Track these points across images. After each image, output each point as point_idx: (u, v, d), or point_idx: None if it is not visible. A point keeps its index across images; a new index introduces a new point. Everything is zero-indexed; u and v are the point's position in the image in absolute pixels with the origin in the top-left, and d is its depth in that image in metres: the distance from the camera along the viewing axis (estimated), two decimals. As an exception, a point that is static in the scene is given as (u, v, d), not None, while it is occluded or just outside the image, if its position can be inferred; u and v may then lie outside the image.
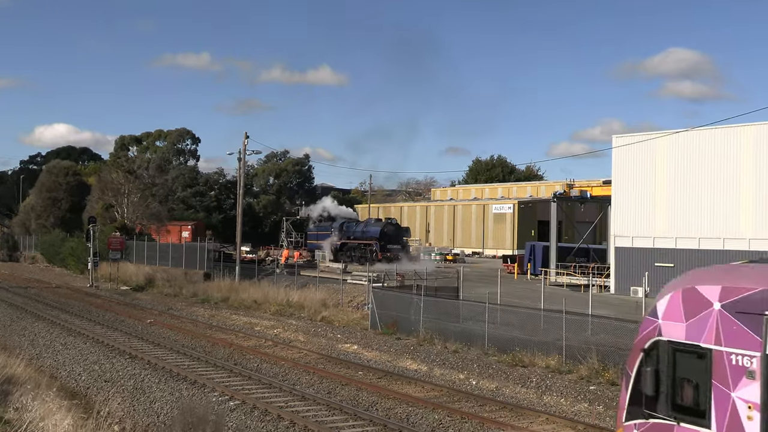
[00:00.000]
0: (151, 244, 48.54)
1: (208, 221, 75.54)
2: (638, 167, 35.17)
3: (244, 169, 42.02)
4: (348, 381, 16.97)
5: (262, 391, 15.93)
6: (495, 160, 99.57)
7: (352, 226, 51.45)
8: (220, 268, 39.54)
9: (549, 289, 29.70)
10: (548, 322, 19.40)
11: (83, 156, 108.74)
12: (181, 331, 24.96)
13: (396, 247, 47.49)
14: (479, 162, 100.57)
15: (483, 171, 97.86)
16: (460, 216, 72.42)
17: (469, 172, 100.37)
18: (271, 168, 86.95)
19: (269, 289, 33.41)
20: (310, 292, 31.92)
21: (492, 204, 70.45)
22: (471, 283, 32.18)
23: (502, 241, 67.65)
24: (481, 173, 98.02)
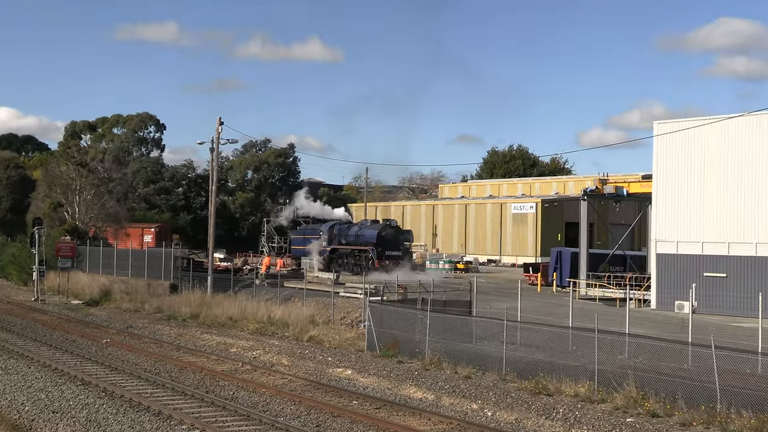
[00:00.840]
0: (107, 250, 48.58)
1: (175, 223, 75.70)
2: (684, 159, 35.19)
3: (218, 162, 42.02)
4: (340, 412, 16.95)
5: (239, 424, 15.93)
6: (514, 151, 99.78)
7: (345, 229, 51.57)
8: (188, 279, 39.55)
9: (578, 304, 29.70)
10: (578, 343, 19.40)
11: (27, 146, 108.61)
12: (143, 353, 24.97)
13: (396, 254, 47.58)
14: (496, 153, 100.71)
15: (500, 163, 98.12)
16: (473, 217, 72.57)
17: (484, 165, 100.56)
18: (249, 160, 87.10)
19: (247, 304, 33.42)
20: (295, 307, 31.95)
21: (511, 203, 70.61)
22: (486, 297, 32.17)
23: (523, 246, 67.79)
24: (498, 166, 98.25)
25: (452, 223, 74.08)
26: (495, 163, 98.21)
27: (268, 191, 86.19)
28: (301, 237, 55.47)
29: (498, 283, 44.71)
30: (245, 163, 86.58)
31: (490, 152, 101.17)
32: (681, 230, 34.99)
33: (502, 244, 69.24)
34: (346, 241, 50.80)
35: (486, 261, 66.57)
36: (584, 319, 22.68)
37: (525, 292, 30.04)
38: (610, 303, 35.13)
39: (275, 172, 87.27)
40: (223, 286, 38.69)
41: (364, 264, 47.71)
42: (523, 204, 69.18)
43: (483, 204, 73.01)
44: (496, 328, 21.33)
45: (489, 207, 71.69)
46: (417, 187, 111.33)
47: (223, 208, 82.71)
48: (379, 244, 47.49)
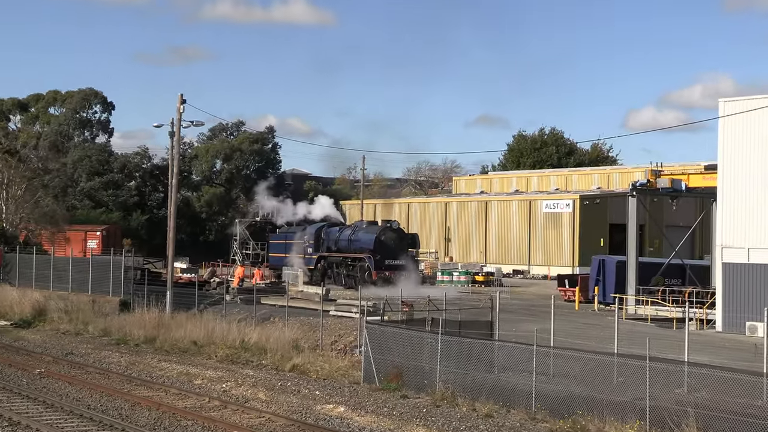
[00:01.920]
0: (42, 258, 48.57)
1: (127, 225, 75.86)
2: (758, 145, 35.12)
3: (180, 149, 42.05)
4: (331, 459, 16.99)
5: (205, 474, 15.94)
6: (546, 136, 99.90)
7: (335, 233, 51.77)
8: (143, 294, 39.55)
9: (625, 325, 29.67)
10: (625, 374, 19.40)
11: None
12: (87, 386, 24.97)
13: (399, 264, 47.77)
14: (523, 138, 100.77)
15: (529, 151, 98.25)
16: (496, 217, 72.68)
17: (509, 153, 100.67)
18: (218, 147, 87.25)
19: (216, 325, 33.43)
20: (275, 328, 31.92)
21: (542, 200, 70.73)
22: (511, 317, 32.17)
23: (557, 254, 67.89)
24: (527, 154, 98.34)
25: (469, 224, 74.17)
26: (522, 151, 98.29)
27: (242, 185, 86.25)
28: (282, 242, 55.51)
29: (526, 299, 44.68)
30: (213, 150, 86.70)
31: (517, 137, 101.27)
32: (754, 234, 34.84)
33: (532, 251, 69.29)
34: (337, 247, 50.82)
35: (511, 272, 66.60)
36: (633, 344, 22.65)
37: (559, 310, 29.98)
38: (664, 324, 35.12)
39: (250, 162, 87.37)
40: (185, 302, 38.68)
41: (358, 276, 47.75)
42: (557, 201, 69.25)
43: (507, 201, 73.09)
44: (523, 354, 21.31)
45: (515, 205, 71.77)
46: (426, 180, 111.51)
47: (186, 206, 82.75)
48: (378, 251, 47.56)
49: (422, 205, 79.41)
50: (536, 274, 66.69)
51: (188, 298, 39.08)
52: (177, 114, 39.55)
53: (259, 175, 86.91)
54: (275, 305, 37.75)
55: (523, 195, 75.96)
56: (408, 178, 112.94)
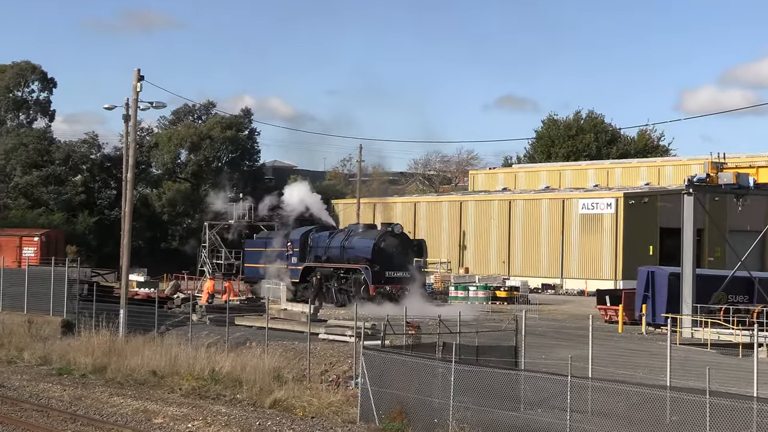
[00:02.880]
0: (-33, 269, 48.45)
1: (71, 229, 75.81)
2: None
3: (136, 136, 42.01)
4: None
5: None
6: (583, 120, 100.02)
7: (325, 238, 51.89)
8: (91, 313, 39.55)
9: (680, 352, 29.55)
10: (679, 411, 19.34)
11: None
12: (22, 427, 24.90)
13: (402, 276, 47.83)
14: (555, 123, 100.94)
15: (562, 139, 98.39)
16: (521, 220, 72.71)
17: (538, 142, 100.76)
18: (183, 134, 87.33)
19: (180, 351, 33.39)
20: (252, 355, 31.92)
21: (578, 198, 70.76)
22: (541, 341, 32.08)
23: (597, 264, 67.90)
24: (559, 143, 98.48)
25: (489, 228, 74.18)
26: (554, 139, 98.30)
27: (212, 180, 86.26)
28: (260, 250, 55.50)
29: (558, 319, 44.60)
30: (177, 138, 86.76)
31: (547, 122, 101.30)
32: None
33: (565, 261, 69.27)
34: (328, 255, 50.87)
35: (540, 287, 66.63)
36: (689, 375, 22.58)
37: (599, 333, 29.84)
38: (728, 351, 35.02)
39: (222, 152, 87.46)
40: (143, 323, 38.66)
41: (353, 291, 47.74)
42: (596, 200, 69.24)
43: (536, 200, 73.10)
44: (555, 387, 21.27)
45: (545, 205, 71.78)
46: (436, 174, 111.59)
47: (144, 206, 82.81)
48: (377, 261, 47.61)
49: (432, 204, 79.44)
50: (571, 290, 66.64)
51: (146, 317, 39.05)
52: (133, 93, 39.52)
53: (234, 168, 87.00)
54: (252, 327, 37.68)
55: (554, 192, 75.94)
56: (414, 172, 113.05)
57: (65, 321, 40.52)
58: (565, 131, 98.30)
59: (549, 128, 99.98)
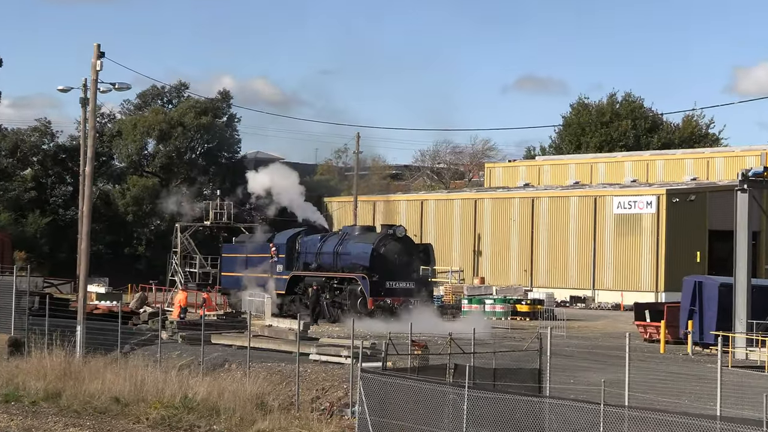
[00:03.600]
0: None
1: (20, 231, 75.67)
2: None
3: (96, 123, 41.95)
4: None
5: None
6: (619, 104, 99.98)
7: (316, 243, 51.89)
8: (43, 330, 39.48)
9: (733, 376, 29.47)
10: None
11: None
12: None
13: (406, 287, 47.85)
14: (585, 108, 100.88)
15: (593, 126, 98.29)
16: (546, 221, 72.68)
17: (566, 130, 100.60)
18: (151, 121, 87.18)
19: (147, 374, 33.33)
20: (232, 379, 31.91)
21: (613, 195, 70.70)
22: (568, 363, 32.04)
23: (634, 273, 67.88)
24: (590, 131, 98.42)
25: (508, 231, 74.13)
26: (585, 126, 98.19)
27: (185, 175, 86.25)
28: (240, 257, 55.44)
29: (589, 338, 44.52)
30: (144, 125, 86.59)
31: (577, 106, 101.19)
32: None
33: (597, 269, 69.21)
34: (319, 263, 50.85)
35: (568, 299, 66.58)
36: (743, 403, 22.53)
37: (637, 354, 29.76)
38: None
39: (197, 142, 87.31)
40: (104, 342, 38.58)
41: (348, 304, 47.75)
42: (634, 198, 69.17)
43: (563, 198, 73.05)
44: (585, 417, 21.23)
45: (574, 203, 71.72)
46: (446, 167, 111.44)
47: (106, 205, 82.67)
48: (376, 269, 47.62)
49: (441, 203, 79.41)
50: (604, 303, 66.54)
51: (108, 335, 38.95)
52: (92, 72, 39.44)
53: (210, 160, 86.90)
54: (232, 346, 37.62)
55: (585, 189, 75.83)
56: (421, 166, 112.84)
57: (13, 339, 40.41)
58: (597, 117, 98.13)
59: (578, 114, 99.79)
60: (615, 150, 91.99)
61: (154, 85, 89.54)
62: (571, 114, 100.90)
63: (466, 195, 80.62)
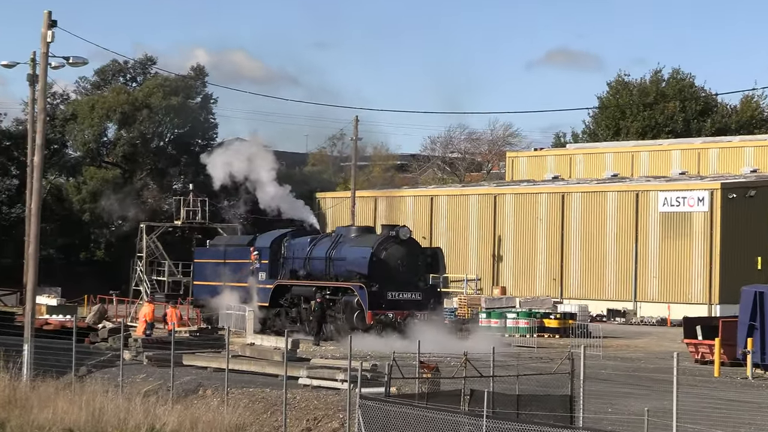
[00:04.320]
0: None
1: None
2: None
3: (47, 105, 42.00)
4: None
5: None
6: (665, 83, 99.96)
7: (304, 246, 51.97)
8: (-17, 349, 39.46)
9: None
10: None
11: None
12: None
13: (411, 298, 47.94)
14: (626, 87, 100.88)
15: (635, 108, 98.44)
16: (579, 220, 72.70)
17: (602, 113, 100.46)
18: (112, 102, 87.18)
19: (107, 402, 33.27)
20: (207, 407, 31.89)
21: (658, 190, 70.71)
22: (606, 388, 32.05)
23: (684, 282, 67.91)
24: (630, 116, 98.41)
25: (534, 232, 74.11)
26: (624, 109, 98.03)
27: (152, 166, 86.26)
28: (217, 263, 55.39)
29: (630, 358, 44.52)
30: (103, 107, 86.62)
31: (615, 85, 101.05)
32: None
33: (640, 277, 69.20)
34: (308, 270, 50.91)
35: (605, 313, 66.60)
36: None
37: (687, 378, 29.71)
38: None
39: (166, 127, 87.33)
40: (56, 363, 38.44)
41: (344, 318, 47.82)
42: (683, 194, 69.13)
43: (599, 193, 72.99)
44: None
45: (612, 200, 71.68)
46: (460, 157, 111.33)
47: (58, 201, 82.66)
48: (376, 278, 47.66)
49: (455, 199, 79.41)
50: (647, 317, 66.49)
51: (61, 355, 38.86)
52: (42, 45, 39.41)
53: (181, 148, 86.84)
54: (207, 368, 37.57)
55: (625, 183, 75.78)
56: (431, 155, 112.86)
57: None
58: (639, 98, 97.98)
59: (617, 94, 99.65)
60: (660, 137, 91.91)
61: (115, 59, 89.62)
62: (608, 94, 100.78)
63: (484, 190, 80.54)
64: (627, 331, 59.00)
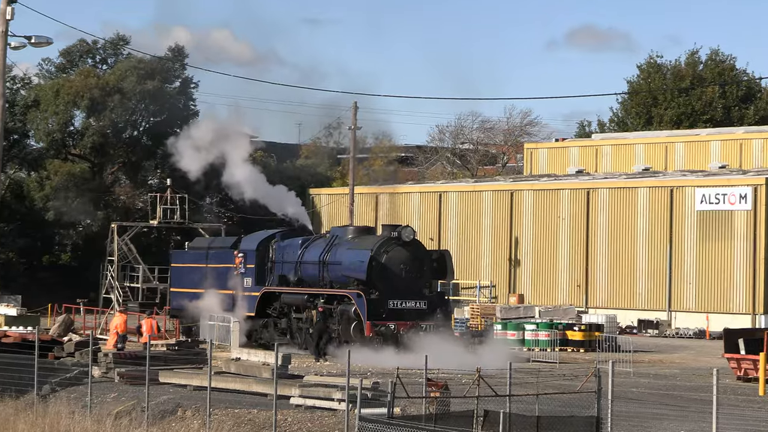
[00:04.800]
0: None
1: None
2: None
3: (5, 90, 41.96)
4: None
5: None
6: (702, 66, 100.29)
7: (295, 249, 52.12)
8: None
9: None
10: None
11: None
12: None
13: (414, 306, 47.97)
14: (658, 69, 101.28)
15: (668, 96, 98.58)
16: (606, 219, 72.70)
17: (632, 99, 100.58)
18: (79, 87, 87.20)
19: (73, 424, 33.28)
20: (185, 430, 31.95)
21: (695, 186, 70.63)
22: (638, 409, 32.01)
23: (723, 290, 67.87)
24: (664, 101, 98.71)
25: (556, 233, 74.14)
26: (657, 95, 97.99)
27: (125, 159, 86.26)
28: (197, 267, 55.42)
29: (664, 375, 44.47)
30: (70, 93, 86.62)
31: (647, 67, 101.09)
32: None
33: (674, 283, 69.16)
34: (300, 275, 51.04)
35: (635, 324, 66.65)
36: None
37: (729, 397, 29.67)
38: None
39: (140, 114, 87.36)
40: (15, 381, 38.53)
41: (340, 330, 47.85)
42: (723, 190, 69.08)
43: (629, 189, 73.00)
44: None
45: (643, 197, 71.65)
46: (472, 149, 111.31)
47: (18, 198, 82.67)
48: (375, 284, 47.71)
49: (466, 196, 79.42)
50: (684, 329, 66.42)
51: (21, 372, 38.92)
52: (0, 22, 39.45)
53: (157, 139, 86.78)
54: (187, 386, 37.56)
55: (658, 178, 75.71)
56: (439, 146, 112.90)
57: None
58: (674, 82, 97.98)
59: (649, 77, 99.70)
60: (697, 126, 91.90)
61: (83, 39, 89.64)
62: (639, 78, 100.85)
63: (500, 185, 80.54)
64: (660, 345, 59.05)
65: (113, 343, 44.91)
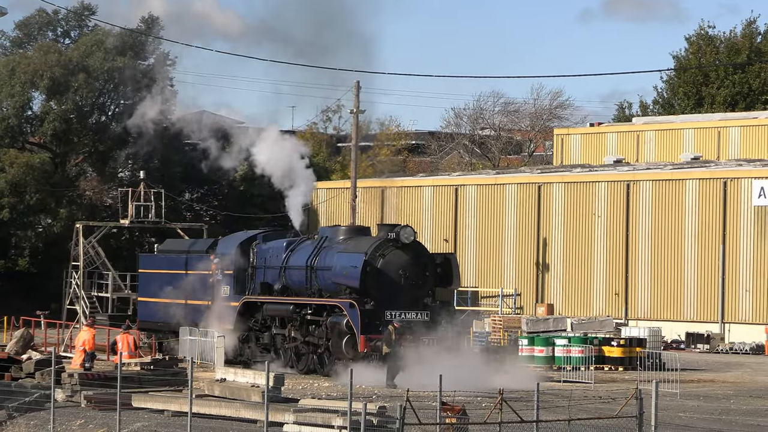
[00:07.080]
0: None
1: None
2: None
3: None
4: None
5: None
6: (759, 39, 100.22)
7: (279, 252, 52.51)
8: None
9: None
10: None
11: None
12: None
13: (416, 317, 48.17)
14: (709, 42, 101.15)
15: (721, 74, 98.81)
16: (649, 216, 72.93)
17: (678, 78, 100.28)
18: (38, 63, 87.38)
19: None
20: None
21: (752, 178, 70.75)
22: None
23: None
24: (717, 80, 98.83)
25: (590, 233, 74.23)
26: (708, 72, 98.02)
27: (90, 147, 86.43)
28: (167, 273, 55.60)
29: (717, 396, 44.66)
30: (27, 72, 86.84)
31: (696, 40, 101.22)
32: None
33: (729, 291, 69.29)
34: (285, 282, 51.36)
35: (683, 338, 66.90)
36: None
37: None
38: None
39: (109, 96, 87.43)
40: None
41: (332, 345, 48.10)
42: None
43: (675, 182, 73.13)
44: None
45: (691, 190, 71.74)
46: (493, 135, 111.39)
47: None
48: (370, 293, 47.91)
49: (486, 190, 79.60)
50: (739, 344, 66.53)
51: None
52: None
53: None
54: (164, 411, 37.75)
55: (710, 168, 75.84)
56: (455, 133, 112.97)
57: None
58: (728, 57, 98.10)
59: (699, 52, 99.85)
60: (755, 108, 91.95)
61: (42, 9, 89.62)
62: (688, 52, 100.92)
63: (526, 178, 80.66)
64: (712, 362, 59.17)
65: (80, 362, 45.03)
